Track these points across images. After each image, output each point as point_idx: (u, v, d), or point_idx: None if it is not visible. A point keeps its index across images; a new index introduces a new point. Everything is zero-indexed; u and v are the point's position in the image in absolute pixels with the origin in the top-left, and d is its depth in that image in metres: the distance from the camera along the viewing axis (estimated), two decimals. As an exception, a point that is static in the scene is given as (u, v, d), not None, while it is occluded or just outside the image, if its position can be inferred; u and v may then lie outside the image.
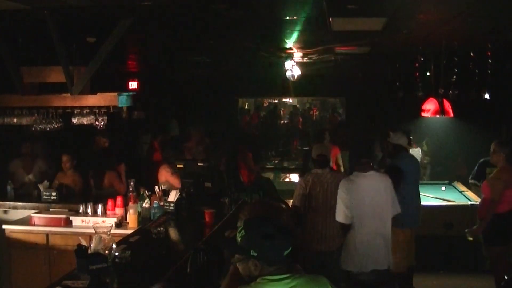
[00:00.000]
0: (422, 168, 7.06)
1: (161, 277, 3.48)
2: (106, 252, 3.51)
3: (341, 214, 4.52)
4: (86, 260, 3.34)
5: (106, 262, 3.35)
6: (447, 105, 7.87)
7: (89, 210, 5.63)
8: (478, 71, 7.32)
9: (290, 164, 15.64)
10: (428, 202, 6.84)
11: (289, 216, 3.23)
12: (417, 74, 8.38)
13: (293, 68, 9.02)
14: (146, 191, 5.79)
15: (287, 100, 21.88)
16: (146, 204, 5.67)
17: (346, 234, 4.59)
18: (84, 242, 3.59)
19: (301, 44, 7.64)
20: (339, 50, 8.26)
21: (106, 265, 3.34)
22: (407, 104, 9.63)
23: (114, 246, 3.61)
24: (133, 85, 11.45)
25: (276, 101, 21.56)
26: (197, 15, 5.29)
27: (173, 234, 4.81)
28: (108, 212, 5.63)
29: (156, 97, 12.40)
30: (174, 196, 5.44)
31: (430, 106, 7.95)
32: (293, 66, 9.00)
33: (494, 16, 5.33)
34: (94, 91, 5.93)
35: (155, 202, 5.49)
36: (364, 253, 4.46)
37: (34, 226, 5.61)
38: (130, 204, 5.53)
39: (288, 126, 19.04)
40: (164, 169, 6.33)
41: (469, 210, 6.57)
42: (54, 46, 5.41)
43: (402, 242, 5.47)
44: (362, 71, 12.18)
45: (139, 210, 5.60)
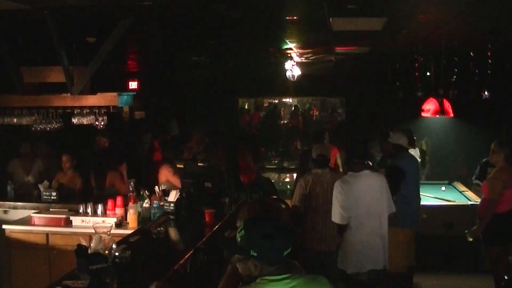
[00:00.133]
0: (422, 167, 7.05)
1: (161, 277, 3.48)
2: (106, 252, 3.51)
3: (337, 215, 4.51)
4: (86, 260, 3.33)
5: (106, 262, 3.35)
6: (447, 105, 7.87)
7: (89, 210, 5.63)
8: (478, 71, 7.33)
9: (290, 164, 15.63)
10: (428, 202, 6.83)
11: (289, 215, 3.23)
12: (417, 74, 8.39)
13: (293, 68, 9.03)
14: (146, 191, 5.79)
15: (287, 100, 21.89)
16: (146, 204, 5.67)
17: (342, 234, 4.59)
18: (84, 242, 3.59)
19: (301, 44, 7.65)
20: (339, 50, 8.27)
21: (106, 265, 3.33)
22: (407, 104, 9.63)
23: (114, 246, 3.60)
24: (133, 85, 11.45)
25: (276, 101, 21.56)
26: (197, 15, 5.29)
27: (173, 234, 4.81)
28: (108, 212, 5.63)
29: (156, 97, 12.40)
30: (174, 196, 5.44)
31: (430, 106, 7.95)
32: (293, 66, 9.02)
33: (494, 16, 5.33)
34: (94, 91, 5.93)
35: (155, 202, 5.49)
36: (361, 253, 4.46)
37: (34, 226, 5.61)
38: (130, 204, 5.53)
39: (288, 126, 19.03)
40: (165, 169, 6.32)
41: (469, 210, 6.57)
42: (54, 46, 5.42)
43: (402, 242, 5.46)
44: (362, 71, 12.19)
45: (139, 210, 5.60)
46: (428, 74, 8.05)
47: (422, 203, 6.05)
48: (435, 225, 6.60)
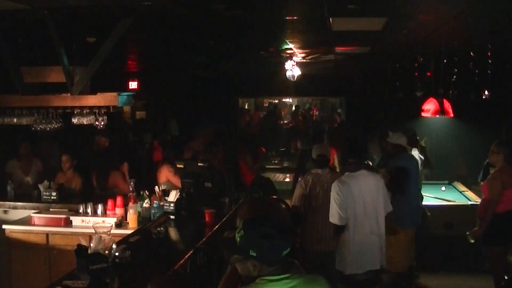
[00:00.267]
0: (427, 167, 7.02)
1: (159, 277, 3.47)
2: (106, 252, 3.51)
3: (335, 216, 4.49)
4: (86, 260, 3.34)
5: (106, 262, 3.35)
6: (447, 105, 7.87)
7: (89, 210, 5.63)
8: (478, 71, 7.32)
9: (290, 164, 15.62)
10: (428, 202, 6.84)
11: (288, 215, 3.23)
12: (417, 74, 8.39)
13: (293, 68, 9.04)
14: (146, 191, 5.79)
15: (287, 100, 21.90)
16: (146, 204, 5.67)
17: (339, 235, 4.58)
18: (84, 242, 3.59)
19: (301, 44, 7.65)
20: (339, 50, 8.27)
21: (106, 265, 3.34)
22: (407, 104, 9.64)
23: (114, 246, 3.61)
24: (133, 85, 11.48)
25: (276, 101, 21.57)
26: (197, 15, 5.29)
27: (173, 234, 4.82)
28: (108, 212, 5.63)
29: (156, 97, 12.40)
30: (174, 196, 5.44)
31: (430, 106, 7.95)
32: (293, 66, 9.02)
33: (494, 16, 5.33)
34: (94, 91, 5.93)
35: (155, 202, 5.49)
36: (359, 254, 4.45)
37: (34, 226, 5.61)
38: (130, 204, 5.53)
39: (288, 126, 19.03)
40: (166, 169, 6.33)
41: (469, 210, 6.58)
42: (54, 46, 5.42)
43: (403, 242, 5.47)
44: (362, 71, 12.19)
45: (139, 210, 5.60)
46: (428, 74, 8.04)
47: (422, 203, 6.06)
48: (435, 225, 6.60)
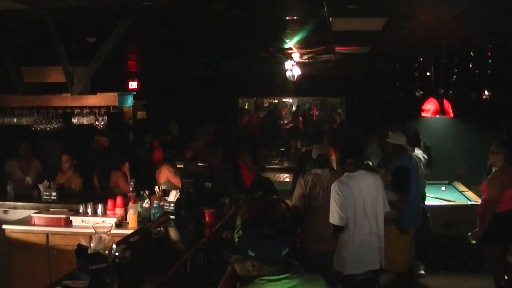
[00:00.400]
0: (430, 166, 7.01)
1: (158, 277, 3.48)
2: (106, 252, 3.51)
3: (335, 216, 4.48)
4: (86, 260, 3.34)
5: (106, 262, 3.35)
6: (447, 105, 7.86)
7: (89, 210, 5.63)
8: (478, 71, 7.32)
9: (290, 164, 15.62)
10: (428, 202, 6.83)
11: (288, 215, 3.23)
12: (417, 74, 8.39)
13: (293, 68, 9.03)
14: (146, 191, 5.79)
15: (287, 100, 21.89)
16: (146, 204, 5.67)
17: (338, 236, 4.57)
18: (84, 242, 3.59)
19: (301, 44, 7.65)
20: (339, 50, 8.27)
21: (106, 265, 3.34)
22: (407, 104, 9.63)
23: (114, 246, 3.60)
24: (133, 85, 11.49)
25: (276, 101, 21.56)
26: (197, 15, 5.29)
27: (173, 234, 4.82)
28: (108, 212, 5.63)
29: (156, 97, 12.40)
30: (174, 196, 5.44)
31: (430, 106, 7.95)
32: (293, 66, 9.01)
33: (494, 16, 5.33)
34: (94, 91, 5.93)
35: (155, 202, 5.49)
36: (359, 254, 4.45)
37: (34, 226, 5.61)
38: (130, 204, 5.53)
39: (288, 126, 19.04)
40: (166, 169, 6.32)
41: (469, 210, 6.58)
42: (54, 46, 5.42)
43: (403, 242, 5.46)
44: (362, 71, 12.19)
45: (139, 210, 5.60)
46: (428, 74, 8.04)
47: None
48: (435, 225, 6.60)
